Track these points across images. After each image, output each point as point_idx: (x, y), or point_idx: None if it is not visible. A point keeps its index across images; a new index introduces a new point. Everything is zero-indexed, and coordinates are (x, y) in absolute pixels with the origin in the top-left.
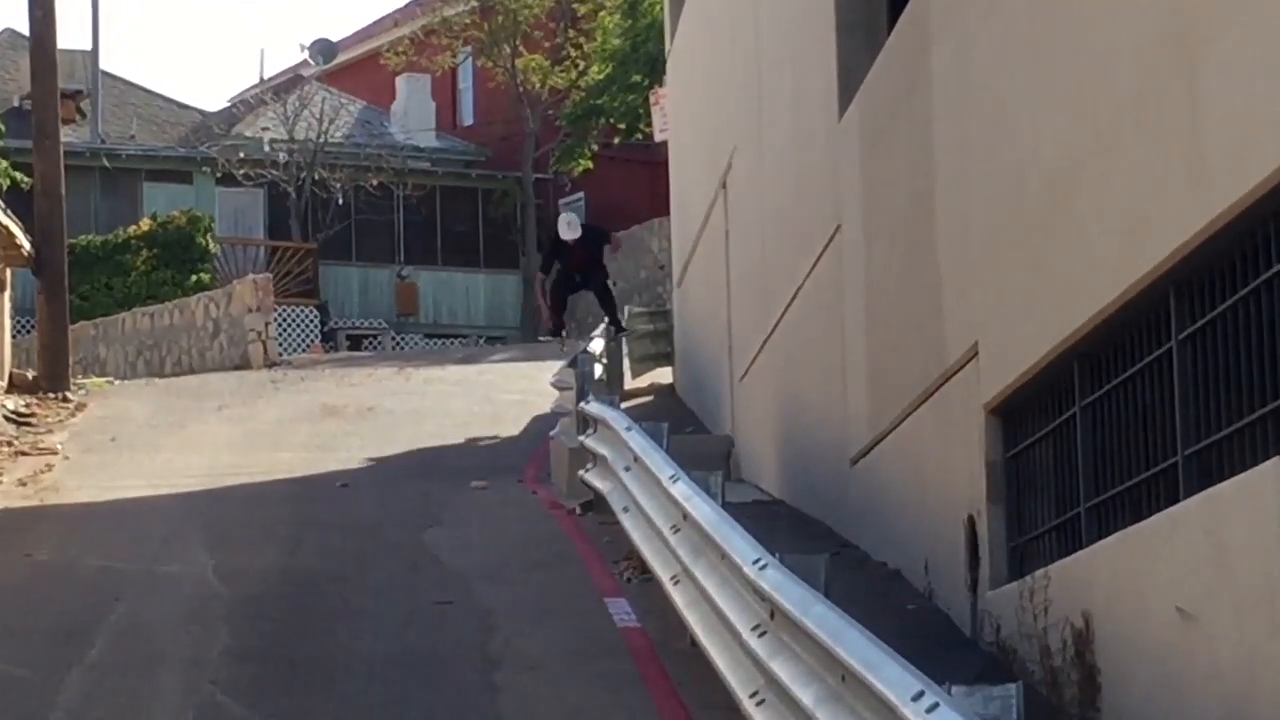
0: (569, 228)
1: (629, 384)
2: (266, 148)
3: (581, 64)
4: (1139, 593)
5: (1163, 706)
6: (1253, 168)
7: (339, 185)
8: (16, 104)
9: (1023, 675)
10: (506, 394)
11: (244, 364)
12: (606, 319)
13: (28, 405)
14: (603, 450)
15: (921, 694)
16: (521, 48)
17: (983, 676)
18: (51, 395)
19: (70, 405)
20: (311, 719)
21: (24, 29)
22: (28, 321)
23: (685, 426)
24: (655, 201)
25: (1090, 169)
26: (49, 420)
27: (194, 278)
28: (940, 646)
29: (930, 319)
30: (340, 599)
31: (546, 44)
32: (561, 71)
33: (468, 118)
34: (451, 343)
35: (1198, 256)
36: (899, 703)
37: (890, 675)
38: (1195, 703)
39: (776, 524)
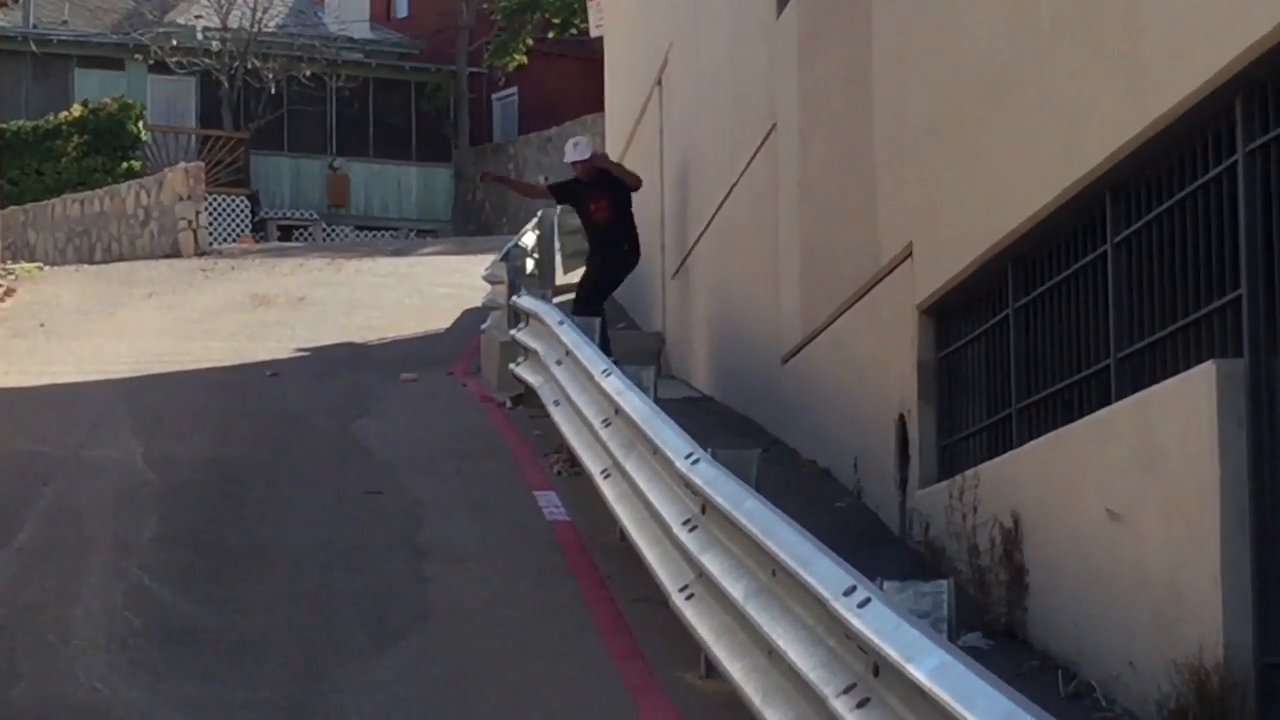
0: (574, 148)
1: (560, 279)
2: (199, 36)
3: None
4: (1069, 494)
5: (1090, 607)
6: (1192, 72)
7: (271, 75)
8: None
9: (950, 574)
10: (437, 287)
11: (174, 252)
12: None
13: None
14: (534, 344)
15: (853, 589)
16: None
17: (911, 575)
18: None
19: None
20: (239, 606)
21: None
22: None
23: (617, 323)
24: (589, 98)
25: (1028, 70)
26: None
27: (125, 165)
28: (869, 545)
29: (865, 219)
30: (269, 488)
31: None
32: None
33: (402, 10)
34: (383, 235)
35: (1135, 160)
36: (830, 597)
37: (822, 570)
38: (1122, 604)
39: (706, 420)
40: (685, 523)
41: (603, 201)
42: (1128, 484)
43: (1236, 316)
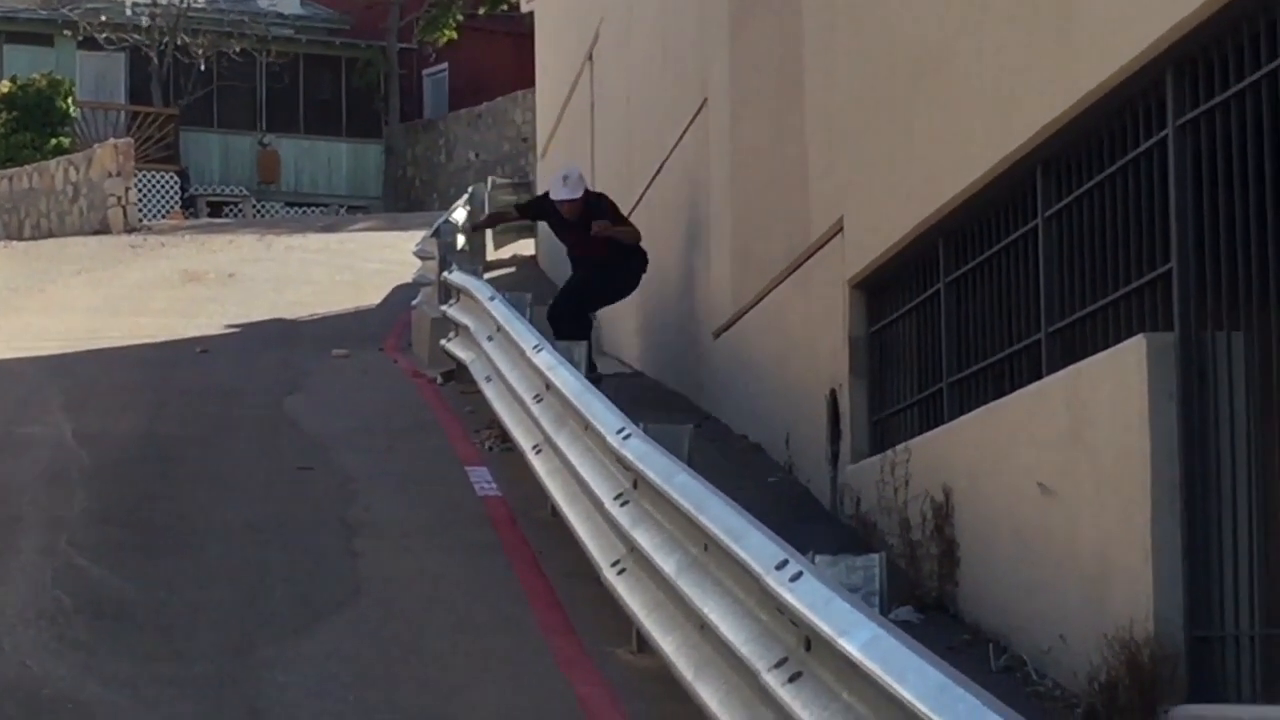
0: (564, 184)
1: (491, 255)
2: (128, 11)
3: None
4: (1000, 468)
5: (1021, 581)
6: (1123, 46)
7: (201, 51)
8: None
9: (882, 548)
10: (368, 263)
11: (103, 229)
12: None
13: None
14: (465, 320)
15: (785, 563)
16: None
17: (843, 549)
18: None
19: None
20: (170, 582)
21: None
22: None
23: (548, 298)
24: (520, 74)
25: (960, 47)
26: None
27: (54, 141)
28: (800, 519)
29: (796, 194)
30: (200, 464)
31: None
32: None
33: None
34: (313, 211)
35: (1066, 135)
36: (762, 571)
37: (753, 544)
38: (1053, 577)
39: (637, 395)
40: (617, 498)
41: (593, 243)
42: (1058, 458)
43: (1167, 290)
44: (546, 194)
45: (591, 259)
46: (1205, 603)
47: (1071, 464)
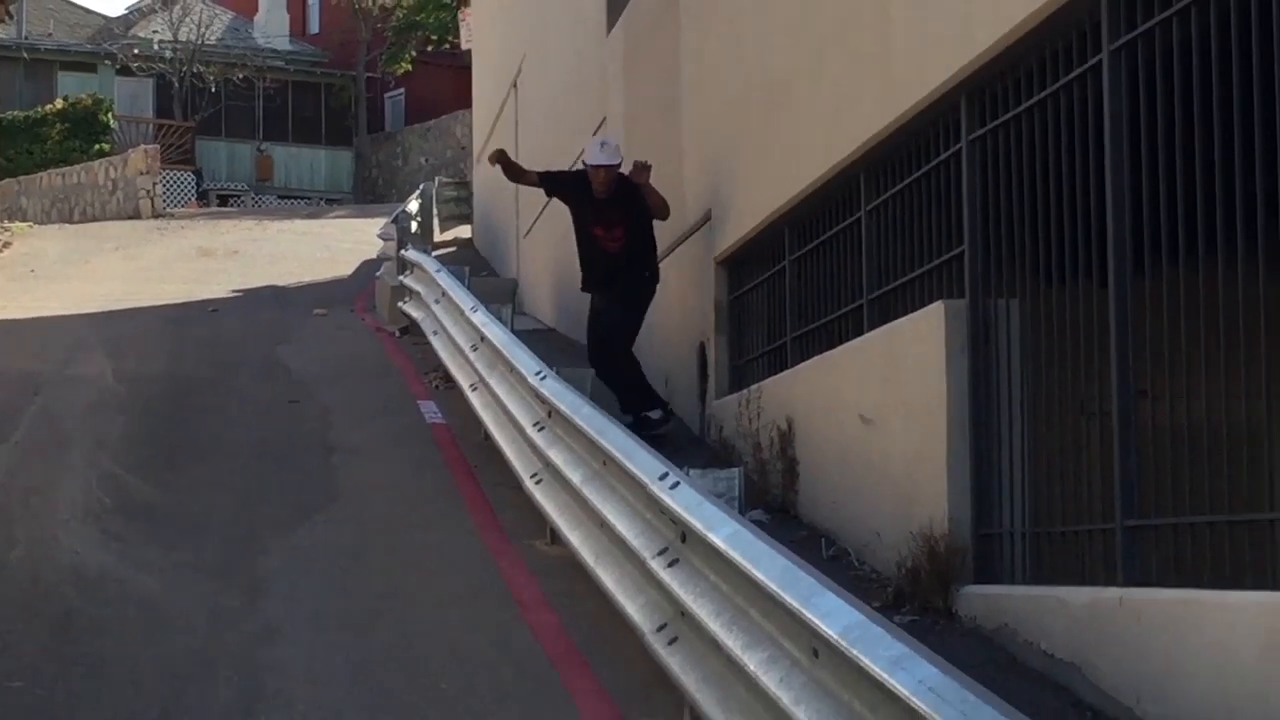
0: (602, 150)
1: (438, 237)
2: (155, 46)
3: None
4: (830, 403)
5: (846, 491)
6: (927, 81)
7: (212, 77)
8: None
9: (740, 465)
10: (342, 243)
11: (136, 215)
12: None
13: None
14: (417, 287)
15: (666, 475)
16: None
17: (710, 465)
18: None
19: None
20: (187, 488)
21: None
22: None
23: (481, 270)
24: (460, 97)
25: (802, 79)
26: None
27: (97, 147)
28: (677, 443)
29: (675, 190)
30: (211, 397)
31: None
32: None
33: (315, 27)
34: (299, 203)
35: (884, 147)
36: (648, 481)
37: (642, 460)
38: (871, 488)
39: (551, 346)
40: (535, 425)
41: (618, 229)
42: (876, 396)
43: (960, 267)
44: (573, 171)
45: (609, 256)
46: (987, 508)
47: (886, 401)
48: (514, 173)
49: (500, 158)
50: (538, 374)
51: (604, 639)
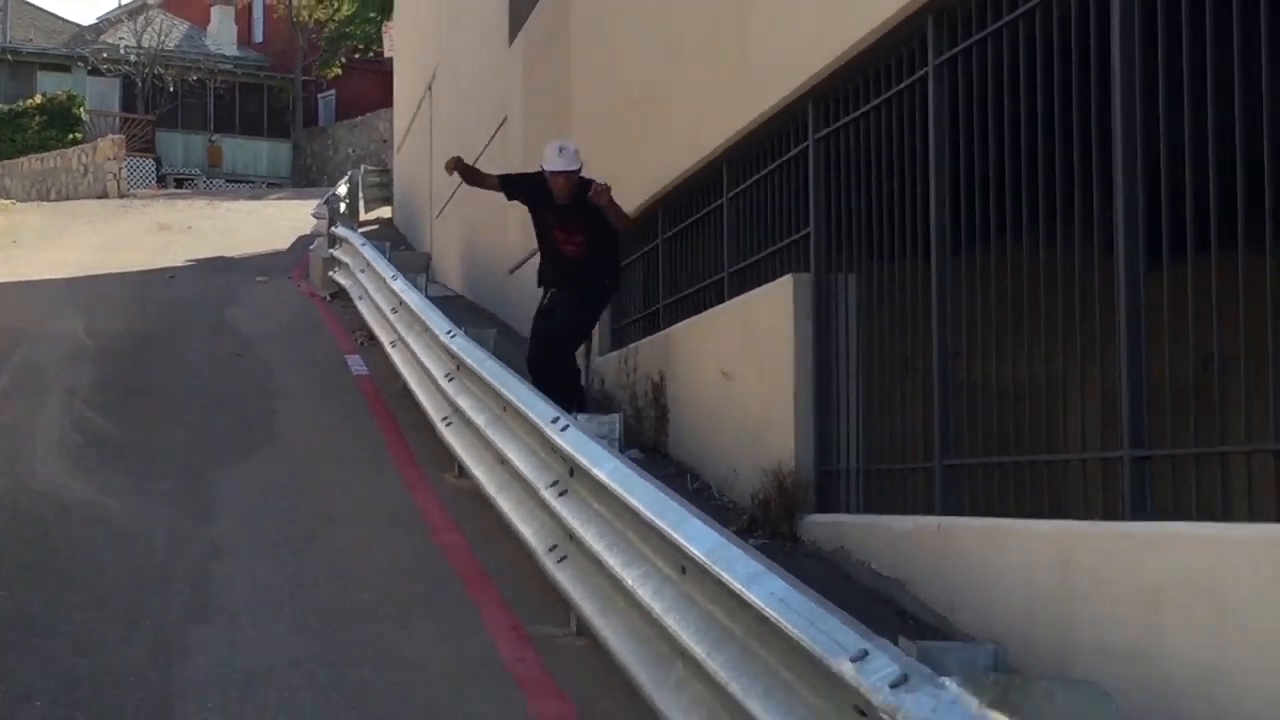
0: (560, 155)
1: (363, 216)
2: (122, 51)
3: (337, 3)
4: (696, 360)
5: (709, 434)
6: (779, 88)
7: (170, 78)
8: None
9: (619, 411)
10: (281, 220)
11: (104, 195)
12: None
13: None
14: (345, 259)
15: (558, 419)
16: None
17: (594, 410)
18: None
19: None
20: (148, 428)
21: None
22: None
23: (400, 245)
24: (383, 97)
25: (674, 84)
26: None
27: (71, 136)
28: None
29: None
30: (168, 350)
31: None
32: (322, 8)
33: (259, 36)
34: (245, 186)
35: (743, 143)
36: (542, 424)
37: (537, 407)
38: (730, 432)
39: (459, 309)
40: (446, 376)
41: (577, 236)
42: (735, 354)
43: (806, 246)
44: (531, 174)
45: (568, 260)
46: (827, 449)
47: (743, 359)
48: (473, 178)
49: (458, 165)
50: (448, 333)
51: (504, 558)
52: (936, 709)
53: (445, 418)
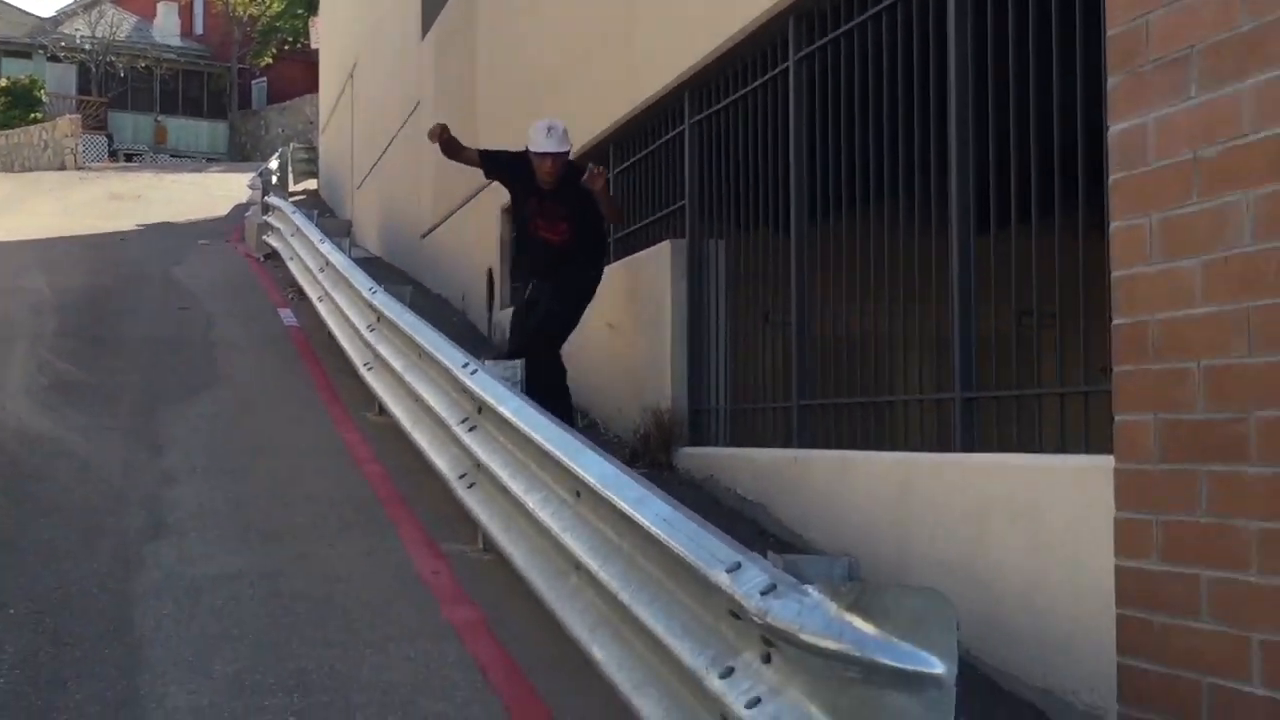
0: (548, 135)
1: (292, 188)
2: (78, 41)
3: (268, 1)
4: (587, 313)
5: (598, 378)
6: (661, 77)
7: (121, 65)
8: None
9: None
10: (219, 190)
11: (63, 167)
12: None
13: None
14: (278, 224)
15: (468, 364)
16: None
17: (498, 358)
18: None
19: None
20: (105, 370)
21: None
22: None
23: (325, 213)
24: (310, 84)
25: (571, 74)
26: None
27: (33, 115)
28: (471, 342)
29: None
30: (122, 304)
31: None
32: (255, 4)
33: (199, 29)
34: (186, 160)
35: (627, 127)
36: (453, 368)
37: (449, 353)
38: (617, 377)
39: (378, 270)
40: (368, 327)
41: (561, 224)
42: (620, 309)
43: (683, 216)
44: (516, 153)
45: (550, 249)
46: (698, 391)
47: (627, 312)
48: (452, 149)
49: (442, 134)
50: (370, 289)
51: (419, 485)
52: (800, 612)
53: (367, 363)
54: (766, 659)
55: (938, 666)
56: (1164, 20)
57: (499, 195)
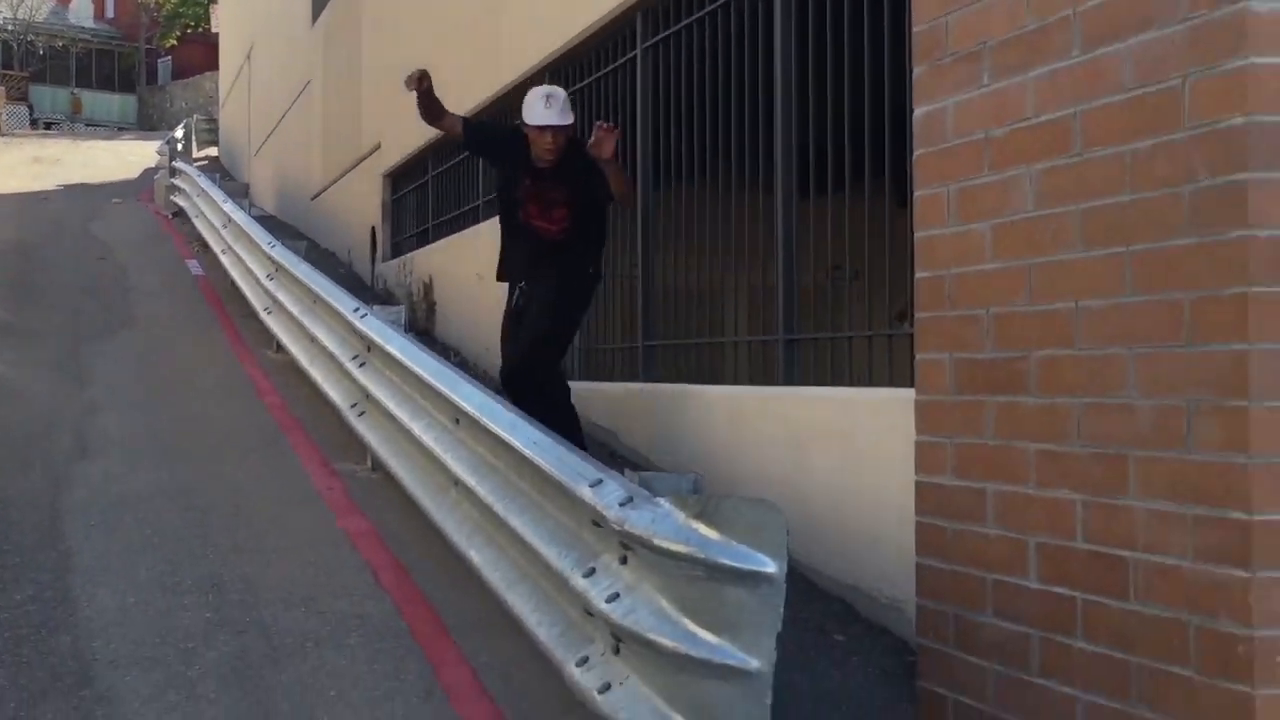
0: (547, 105)
1: (196, 154)
2: (0, 22)
3: None
4: (457, 267)
5: (466, 321)
6: (522, 64)
7: (41, 45)
8: None
9: (402, 304)
10: (132, 156)
11: None
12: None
13: None
14: (184, 186)
15: (359, 308)
16: None
17: (383, 304)
18: None
19: None
20: (33, 313)
21: None
22: None
23: (226, 177)
24: (210, 63)
25: (445, 57)
26: None
27: None
28: (358, 290)
29: (355, 128)
30: (47, 255)
31: None
32: None
33: (111, 13)
34: (100, 129)
35: (493, 105)
36: (346, 312)
37: (342, 299)
38: (482, 321)
39: (276, 227)
40: (268, 275)
41: (558, 209)
42: (485, 262)
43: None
44: (508, 128)
45: (544, 242)
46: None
47: (492, 265)
48: (431, 109)
49: (421, 81)
50: (269, 243)
51: (315, 415)
52: (654, 521)
53: (266, 307)
54: (624, 561)
55: (770, 565)
56: (961, 20)
57: (382, 161)
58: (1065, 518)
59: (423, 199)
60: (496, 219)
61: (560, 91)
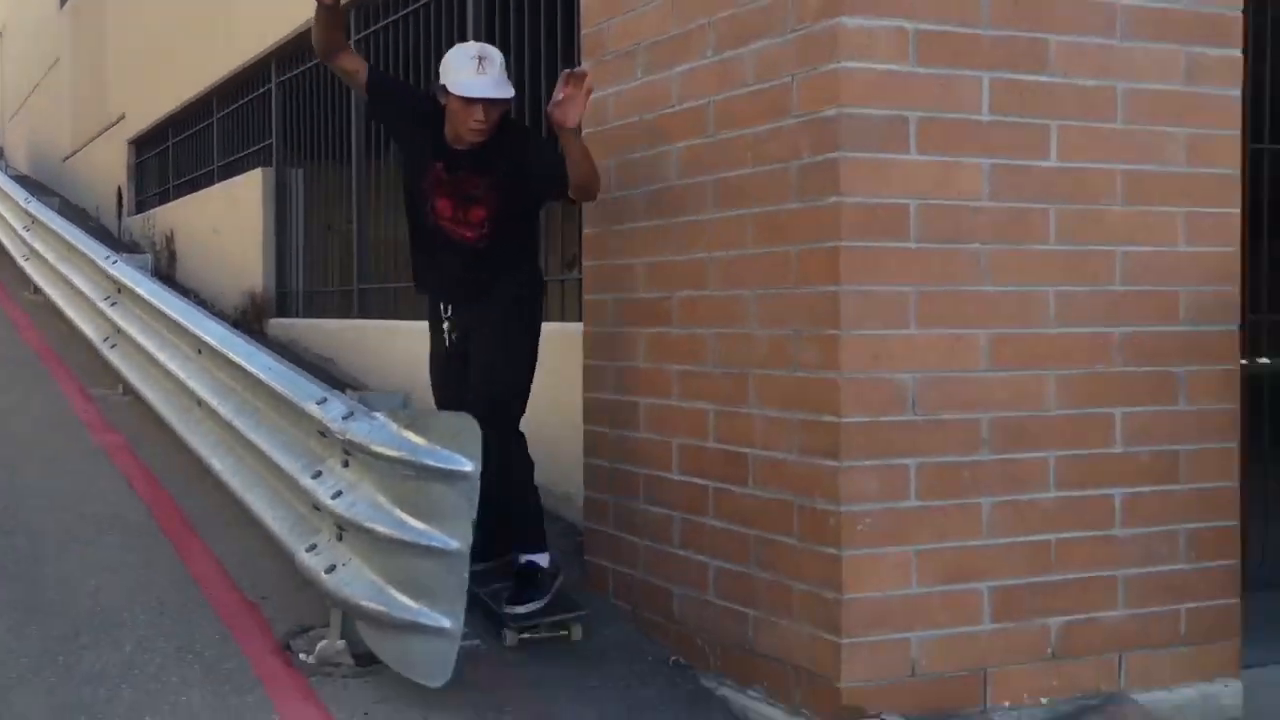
0: (480, 68)
1: None
2: None
3: None
4: (197, 221)
5: (206, 269)
6: (256, 46)
7: None
8: None
9: (144, 253)
10: None
11: None
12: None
13: None
14: None
15: (110, 255)
16: None
17: (129, 253)
18: None
19: None
20: None
21: None
22: None
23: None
24: None
25: (182, 38)
26: None
27: None
28: (107, 240)
29: (101, 100)
30: None
31: None
32: None
33: None
34: None
35: (227, 83)
36: (98, 259)
37: (93, 247)
38: (220, 269)
39: (30, 185)
40: (24, 228)
41: (478, 208)
42: (223, 218)
43: (270, 150)
44: (419, 93)
45: (458, 249)
46: (283, 278)
47: (229, 221)
48: (331, 40)
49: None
50: (25, 199)
51: (71, 347)
52: (371, 430)
53: (25, 255)
54: (346, 464)
55: (467, 465)
56: (620, 25)
57: (127, 129)
58: (701, 424)
59: (164, 162)
60: (229, 182)
61: (495, 52)
